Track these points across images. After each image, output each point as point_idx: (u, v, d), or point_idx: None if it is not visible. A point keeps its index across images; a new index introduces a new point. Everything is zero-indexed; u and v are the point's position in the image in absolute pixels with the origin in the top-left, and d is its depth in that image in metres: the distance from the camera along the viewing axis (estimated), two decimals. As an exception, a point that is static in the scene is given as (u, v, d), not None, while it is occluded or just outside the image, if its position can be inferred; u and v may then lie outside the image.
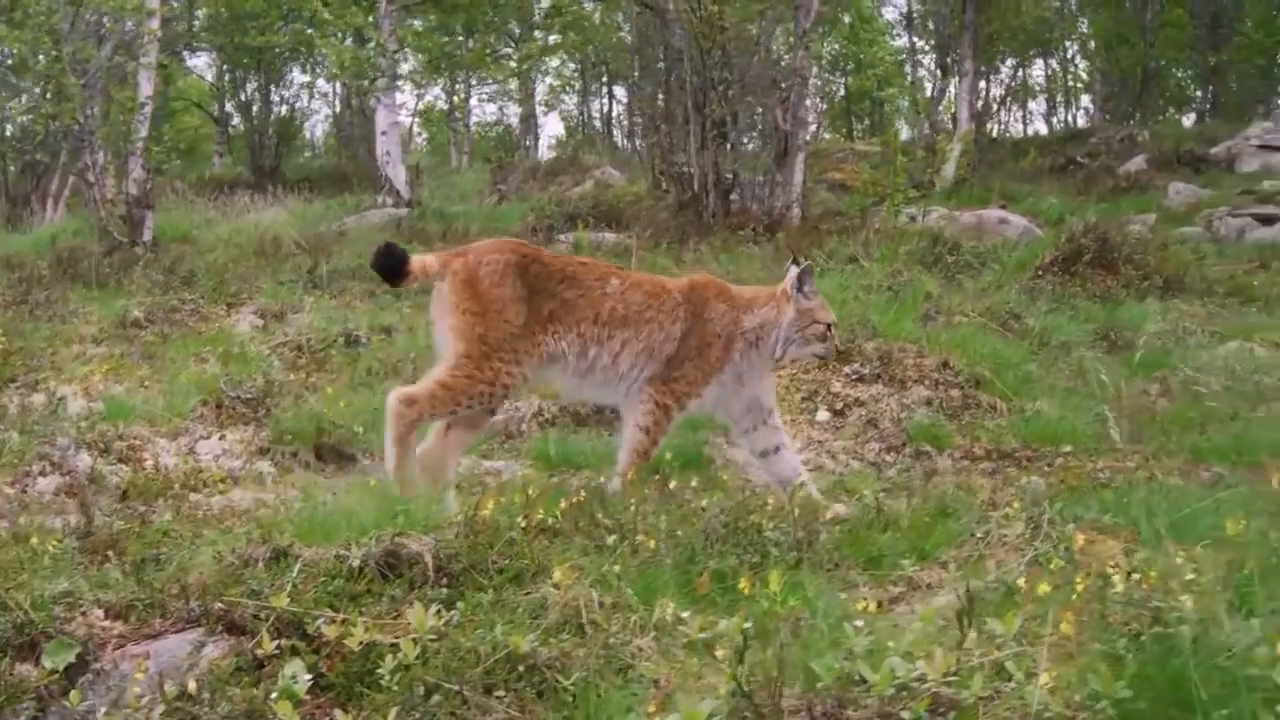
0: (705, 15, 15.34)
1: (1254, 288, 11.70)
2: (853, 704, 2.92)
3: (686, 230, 14.40)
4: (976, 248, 12.40)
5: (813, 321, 5.68)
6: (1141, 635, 3.12)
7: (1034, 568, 4.17)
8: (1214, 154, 21.86)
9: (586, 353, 5.55)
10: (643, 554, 4.29)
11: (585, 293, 5.55)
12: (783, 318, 5.68)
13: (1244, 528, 3.97)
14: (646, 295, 5.64)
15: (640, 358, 5.58)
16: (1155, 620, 3.14)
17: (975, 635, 3.23)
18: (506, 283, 5.38)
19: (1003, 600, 3.83)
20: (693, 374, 5.59)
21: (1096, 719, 2.75)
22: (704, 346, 5.60)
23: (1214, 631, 2.94)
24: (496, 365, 5.34)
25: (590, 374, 5.60)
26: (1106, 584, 3.41)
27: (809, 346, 5.74)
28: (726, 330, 5.66)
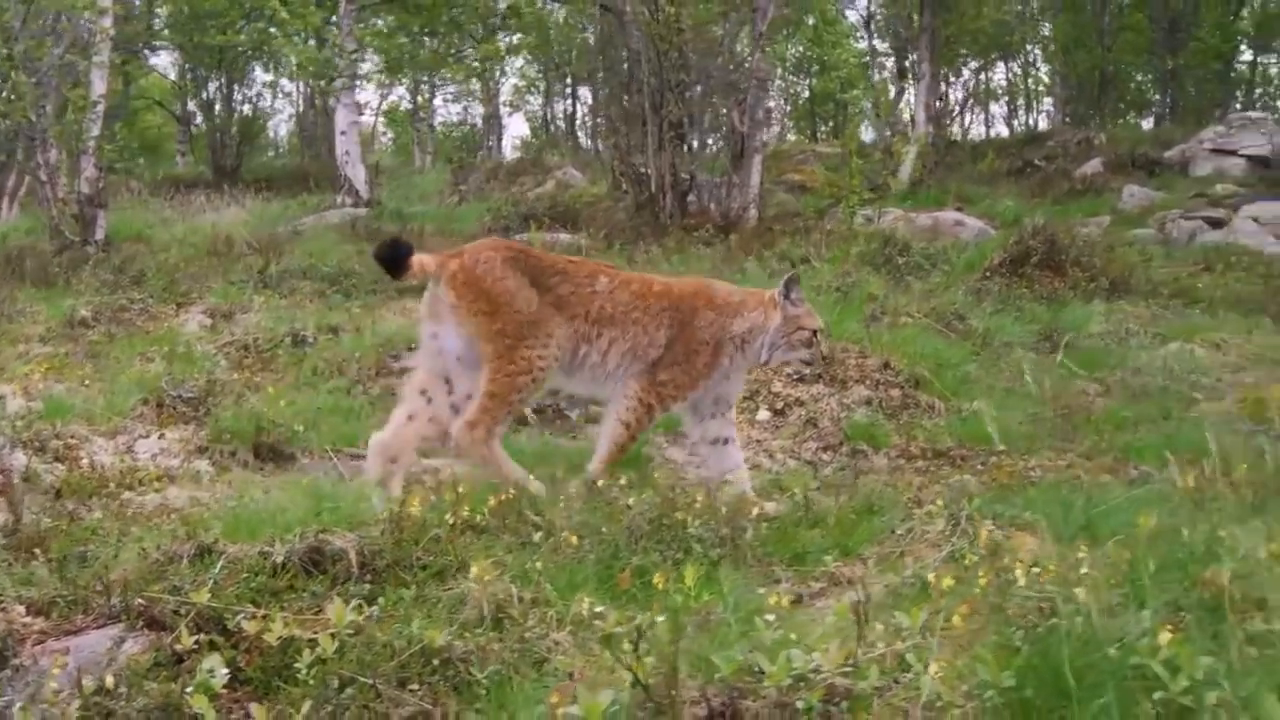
0: (662, 17, 15.40)
1: (1198, 290, 11.87)
2: (752, 694, 2.98)
3: (642, 231, 14.45)
4: (927, 249, 12.52)
5: (798, 328, 5.79)
6: (1037, 627, 3.20)
7: (949, 563, 4.27)
8: (1168, 157, 22.12)
9: (577, 350, 5.64)
10: (567, 551, 4.35)
11: (576, 289, 5.64)
12: (770, 323, 5.78)
13: (1153, 524, 4.09)
14: (633, 296, 5.72)
15: (626, 357, 5.68)
16: (1049, 613, 3.23)
17: (881, 629, 3.31)
18: (508, 275, 5.48)
19: (916, 595, 3.92)
20: (680, 378, 5.68)
21: (984, 707, 2.83)
22: (692, 353, 5.69)
23: (1104, 622, 3.02)
24: (526, 353, 5.45)
25: (580, 370, 5.70)
26: (1009, 578, 3.49)
27: (794, 352, 5.86)
28: (715, 337, 5.74)
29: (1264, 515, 4.76)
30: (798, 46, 37.64)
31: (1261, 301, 11.60)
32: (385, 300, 9.98)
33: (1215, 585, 3.37)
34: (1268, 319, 11.17)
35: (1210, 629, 3.18)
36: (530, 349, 5.46)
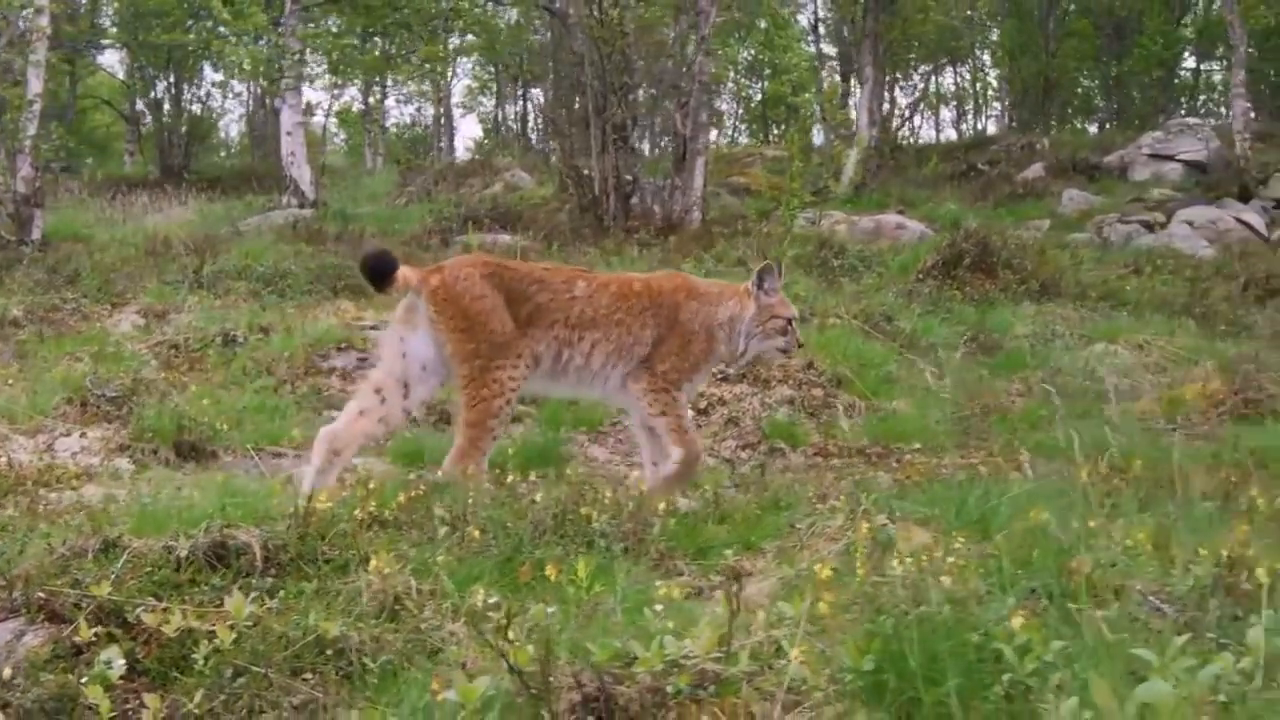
0: (605, 20, 15.51)
1: (1126, 292, 12.10)
2: (626, 680, 3.08)
3: (583, 232, 14.55)
4: (863, 252, 12.70)
5: (772, 316, 5.91)
6: (907, 614, 3.32)
7: (842, 556, 4.39)
8: (1108, 162, 22.46)
9: (560, 355, 5.75)
10: (472, 545, 4.44)
11: (555, 296, 5.74)
12: (745, 313, 5.90)
13: (1041, 517, 4.24)
14: (614, 297, 5.82)
15: (611, 357, 5.78)
16: (917, 600, 3.35)
17: (763, 617, 3.43)
18: (486, 294, 5.58)
19: (809, 586, 4.03)
20: (681, 364, 5.80)
21: (844, 690, 2.94)
22: (686, 342, 5.82)
23: (960, 611, 3.14)
24: (498, 374, 5.55)
25: (564, 374, 5.80)
26: (886, 569, 3.61)
27: (770, 341, 5.97)
28: (704, 324, 5.87)
29: (1151, 509, 4.94)
30: (750, 50, 37.82)
31: (1186, 304, 11.84)
32: (320, 301, 10.03)
33: (1078, 574, 3.51)
34: (1191, 321, 11.43)
35: (1071, 615, 3.32)
36: (501, 370, 5.58)
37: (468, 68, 36.38)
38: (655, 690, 3.03)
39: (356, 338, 8.52)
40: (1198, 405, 8.14)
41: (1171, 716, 2.40)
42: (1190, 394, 8.28)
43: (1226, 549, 3.47)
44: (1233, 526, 3.67)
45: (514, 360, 5.62)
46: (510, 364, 5.61)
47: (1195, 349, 10.12)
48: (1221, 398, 8.18)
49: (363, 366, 8.09)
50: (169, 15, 21.59)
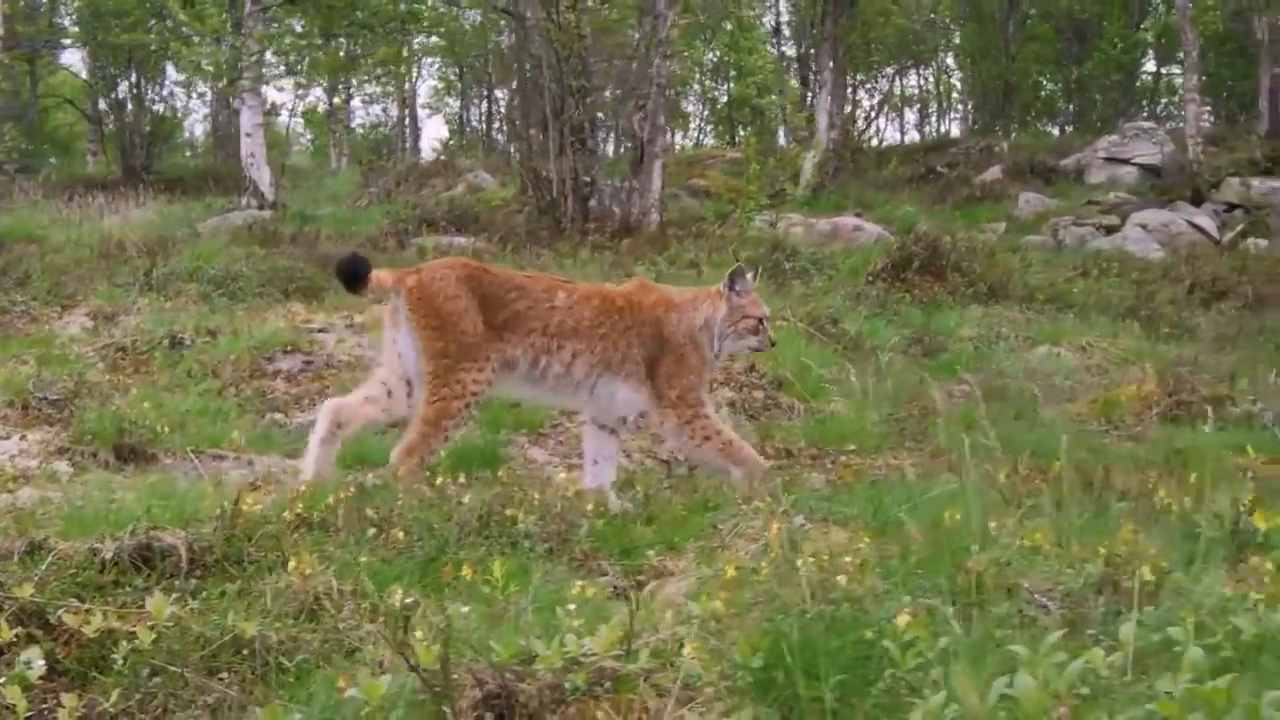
0: (562, 23, 15.60)
1: (1072, 294, 12.27)
2: (528, 677, 3.17)
3: (540, 235, 14.63)
4: (815, 254, 12.82)
5: (744, 316, 6.03)
6: (805, 613, 3.43)
7: (761, 556, 4.49)
8: (1065, 165, 22.71)
9: (538, 361, 5.85)
10: (397, 546, 4.51)
11: (534, 304, 5.86)
12: (717, 314, 6.03)
13: (956, 517, 4.35)
14: (596, 311, 5.95)
15: (596, 369, 5.90)
16: (814, 599, 3.45)
17: (671, 616, 3.53)
18: (461, 295, 5.70)
19: (725, 584, 4.13)
20: (688, 381, 5.94)
21: (736, 686, 3.04)
22: (680, 357, 5.96)
23: (863, 606, 3.25)
24: (462, 376, 5.67)
25: (544, 381, 5.91)
26: (791, 568, 3.71)
27: (743, 340, 6.12)
28: (688, 332, 6.01)
29: (1066, 509, 5.07)
30: (715, 51, 37.96)
31: (1132, 306, 12.01)
32: (270, 303, 10.07)
33: (972, 572, 3.62)
34: (1136, 323, 11.60)
35: (962, 613, 3.43)
36: (466, 372, 5.69)
37: (433, 68, 36.42)
38: (554, 687, 3.13)
39: (303, 341, 8.57)
40: (1132, 407, 8.29)
41: (1033, 708, 2.50)
42: (1125, 396, 8.43)
43: (1115, 548, 3.58)
44: (1122, 526, 3.77)
45: (482, 363, 5.72)
46: (478, 367, 5.71)
47: (1137, 351, 10.28)
48: (1155, 399, 8.33)
49: (308, 369, 8.17)
50: (129, 15, 21.50)
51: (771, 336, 6.28)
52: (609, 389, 5.95)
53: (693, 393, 5.94)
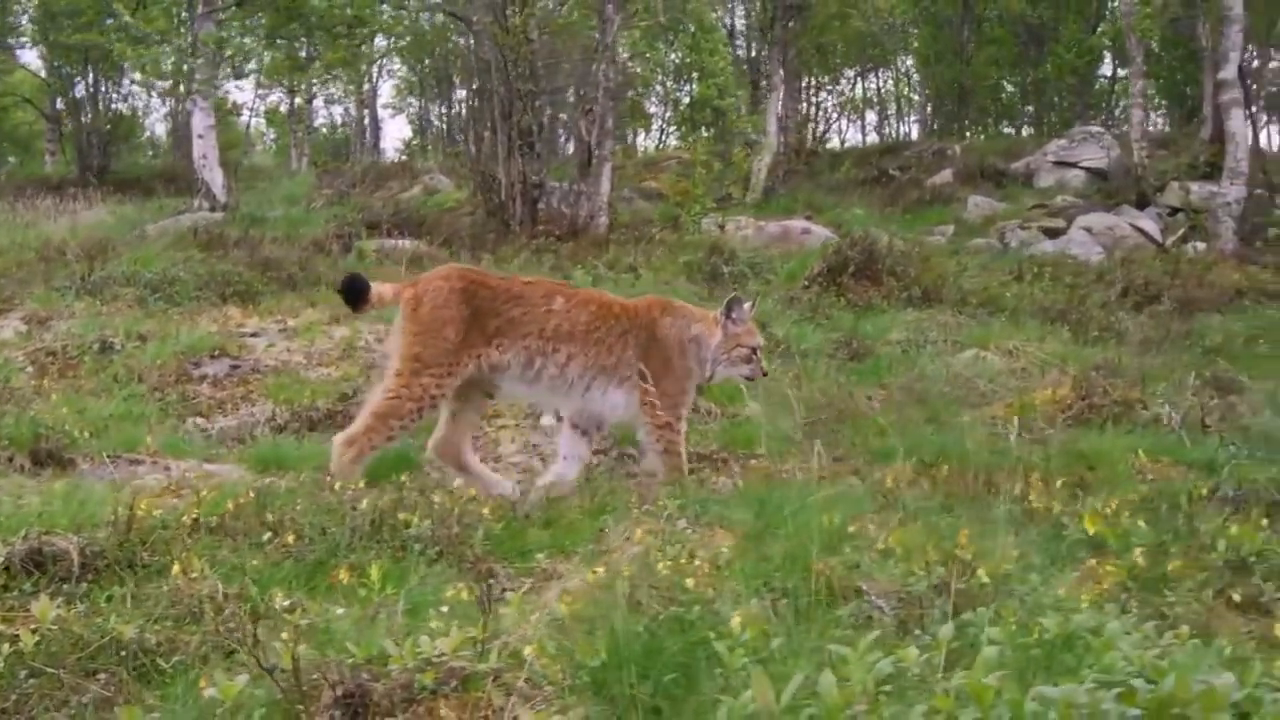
0: (509, 27, 15.71)
1: (1006, 298, 12.45)
2: (384, 677, 3.30)
3: (485, 238, 14.72)
4: (754, 258, 12.97)
5: (738, 345, 6.31)
6: (660, 614, 3.58)
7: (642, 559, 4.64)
8: (1014, 169, 22.97)
9: (532, 363, 6.06)
10: (290, 549, 4.64)
11: (530, 310, 6.09)
12: (712, 339, 6.29)
13: (833, 521, 4.52)
14: (593, 316, 6.17)
15: (590, 370, 6.11)
16: (669, 600, 3.61)
17: (535, 617, 3.68)
18: (450, 305, 5.94)
19: (592, 587, 4.28)
20: (672, 387, 6.16)
21: (578, 685, 3.19)
22: (666, 361, 6.18)
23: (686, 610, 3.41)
24: (426, 381, 5.89)
25: (538, 382, 6.13)
26: (651, 570, 3.87)
27: (735, 368, 6.39)
28: (678, 339, 6.26)
29: (952, 511, 5.24)
30: (677, 53, 38.00)
31: (1063, 310, 12.20)
32: (207, 307, 10.15)
33: (825, 574, 3.78)
34: (1066, 326, 11.80)
35: (811, 613, 3.59)
36: (431, 378, 5.90)
37: (394, 69, 36.44)
38: (406, 686, 3.27)
39: (232, 345, 8.66)
40: (1045, 410, 8.46)
41: (833, 704, 2.65)
42: (1039, 399, 8.60)
43: (958, 551, 3.75)
44: (960, 530, 3.93)
45: (449, 371, 5.92)
46: (444, 374, 5.91)
47: (1062, 355, 10.45)
48: (1069, 403, 8.51)
49: (234, 374, 8.26)
50: (82, 15, 21.44)
51: (764, 367, 6.54)
52: (601, 391, 6.17)
53: (673, 399, 6.16)
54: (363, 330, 9.27)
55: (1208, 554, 4.48)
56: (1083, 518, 4.33)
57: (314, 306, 10.15)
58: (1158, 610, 3.95)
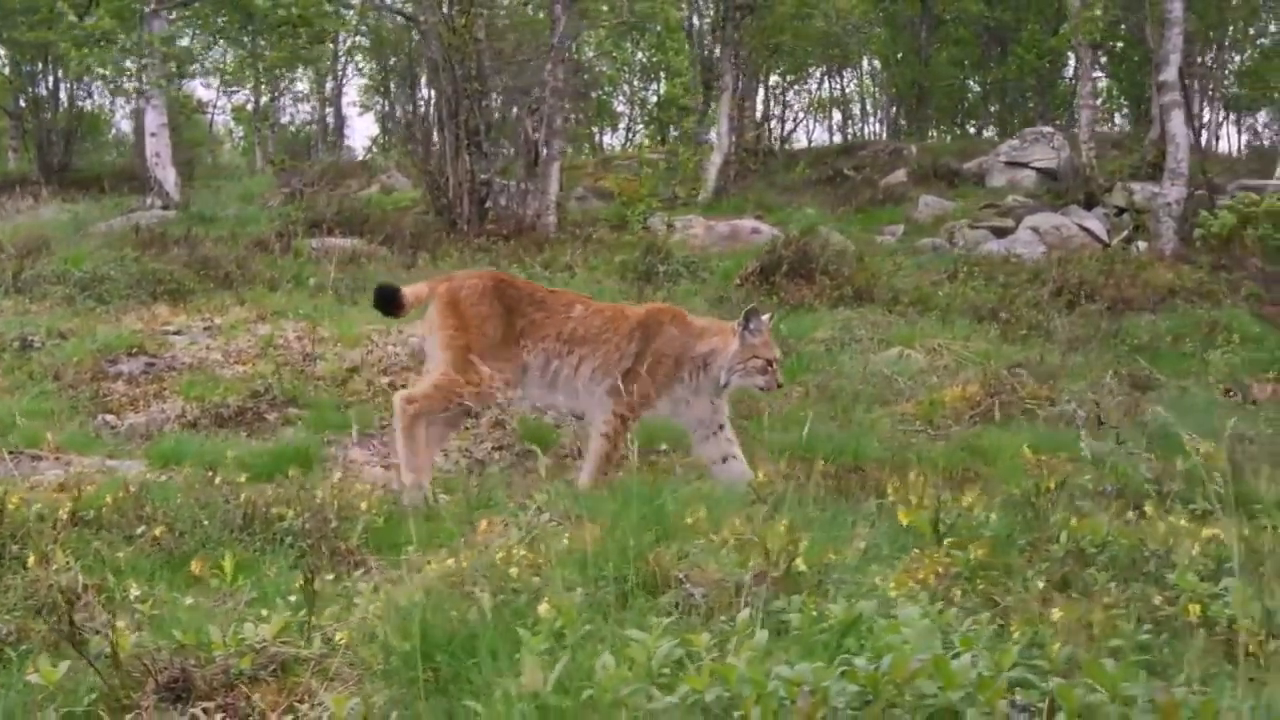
0: (455, 27, 15.81)
1: (938, 297, 12.60)
2: (208, 663, 3.41)
3: (426, 236, 14.81)
4: (690, 257, 13.08)
5: (753, 356, 6.44)
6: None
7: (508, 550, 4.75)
8: (967, 169, 23.14)
9: (549, 365, 6.34)
10: (164, 542, 4.74)
11: (550, 315, 6.38)
12: (728, 349, 6.44)
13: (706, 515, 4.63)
14: (605, 321, 6.44)
15: (598, 372, 6.34)
16: (499, 589, 3.72)
17: (364, 605, 3.79)
18: (484, 302, 6.25)
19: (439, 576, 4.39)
20: (644, 388, 6.30)
21: (389, 669, 3.30)
22: (654, 365, 6.35)
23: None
24: (482, 371, 6.15)
25: (556, 383, 6.40)
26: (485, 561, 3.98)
27: (750, 378, 6.51)
28: (676, 352, 6.43)
29: (825, 506, 5.37)
30: (644, 52, 38.14)
31: (994, 308, 12.35)
32: (136, 305, 10.21)
33: (658, 564, 3.91)
34: (996, 325, 11.96)
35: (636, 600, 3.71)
36: (491, 370, 6.16)
37: (360, 68, 36.40)
38: (226, 672, 3.38)
39: (150, 343, 8.73)
40: (955, 407, 8.62)
41: (609, 683, 2.77)
42: (949, 397, 8.75)
43: (784, 542, 3.87)
44: (780, 522, 4.04)
45: (498, 366, 6.19)
46: (495, 367, 6.17)
47: (986, 353, 10.60)
48: (978, 400, 8.67)
49: (149, 371, 8.33)
50: (36, 13, 21.36)
51: (779, 378, 6.66)
52: (594, 389, 6.36)
53: (637, 398, 6.29)
54: (286, 329, 9.36)
55: (1050, 545, 4.61)
56: (897, 510, 4.44)
57: (243, 304, 10.22)
58: (987, 598, 4.08)
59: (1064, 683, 2.54)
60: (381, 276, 11.60)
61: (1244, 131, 38.21)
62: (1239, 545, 4.87)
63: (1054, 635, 3.25)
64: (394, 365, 8.36)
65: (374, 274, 11.75)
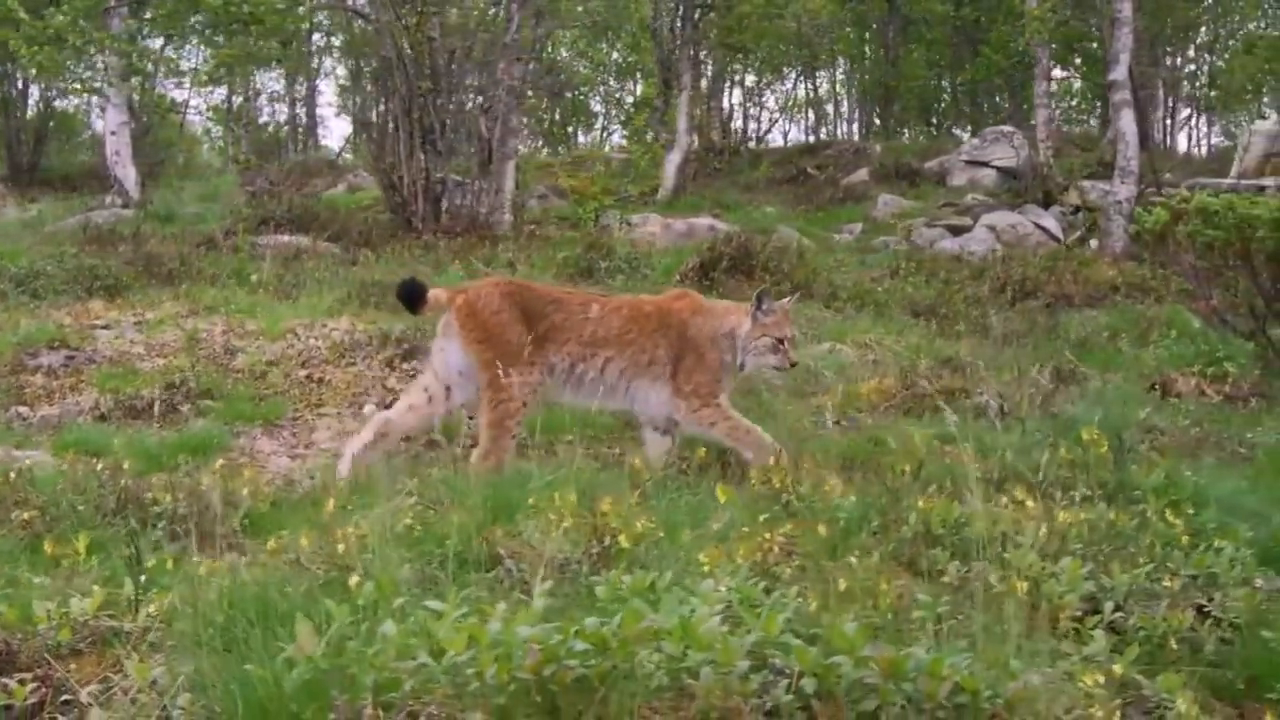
0: (409, 25, 15.89)
1: (877, 294, 12.72)
2: (32, 636, 3.50)
3: (373, 234, 14.90)
4: (633, 254, 13.18)
5: (764, 335, 6.56)
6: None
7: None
8: (928, 168, 23.30)
9: (574, 368, 6.49)
10: (34, 526, 4.84)
11: (569, 316, 6.52)
12: (743, 329, 6.58)
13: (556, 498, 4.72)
14: (625, 320, 6.57)
15: (626, 373, 6.51)
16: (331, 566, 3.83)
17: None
18: (503, 309, 6.39)
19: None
20: (704, 378, 6.50)
21: (202, 640, 3.39)
22: (700, 355, 6.52)
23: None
24: (515, 379, 6.26)
25: (582, 384, 6.53)
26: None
27: (763, 358, 6.65)
28: (710, 335, 6.59)
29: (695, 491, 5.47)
30: (619, 51, 38.26)
31: (931, 305, 12.47)
32: (71, 301, 10.29)
33: (488, 542, 4.02)
34: (935, 321, 12.08)
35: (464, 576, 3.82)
36: (519, 375, 6.27)
37: (331, 68, 36.48)
38: (50, 646, 3.48)
39: (74, 336, 8.81)
40: (870, 400, 8.73)
41: (394, 651, 2.87)
42: (866, 389, 8.86)
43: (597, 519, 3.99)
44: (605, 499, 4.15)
45: (528, 367, 6.32)
46: (525, 370, 6.30)
47: (918, 348, 10.72)
48: (894, 393, 8.79)
49: (69, 365, 8.41)
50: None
51: (793, 357, 6.78)
52: (641, 391, 6.54)
53: (705, 387, 6.48)
54: (216, 324, 9.45)
55: (902, 527, 4.72)
56: (719, 489, 4.55)
57: (178, 299, 10.30)
58: (825, 575, 4.19)
59: (802, 645, 2.65)
60: (319, 273, 11.72)
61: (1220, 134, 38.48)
62: (1084, 528, 5.05)
63: (840, 605, 3.36)
64: (313, 359, 8.45)
65: (312, 270, 11.84)
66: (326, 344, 8.66)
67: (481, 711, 2.51)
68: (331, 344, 8.65)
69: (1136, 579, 4.31)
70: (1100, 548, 4.80)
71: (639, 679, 2.50)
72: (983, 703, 2.58)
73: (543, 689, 2.46)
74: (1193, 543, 4.75)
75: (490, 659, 2.50)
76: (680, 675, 2.59)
